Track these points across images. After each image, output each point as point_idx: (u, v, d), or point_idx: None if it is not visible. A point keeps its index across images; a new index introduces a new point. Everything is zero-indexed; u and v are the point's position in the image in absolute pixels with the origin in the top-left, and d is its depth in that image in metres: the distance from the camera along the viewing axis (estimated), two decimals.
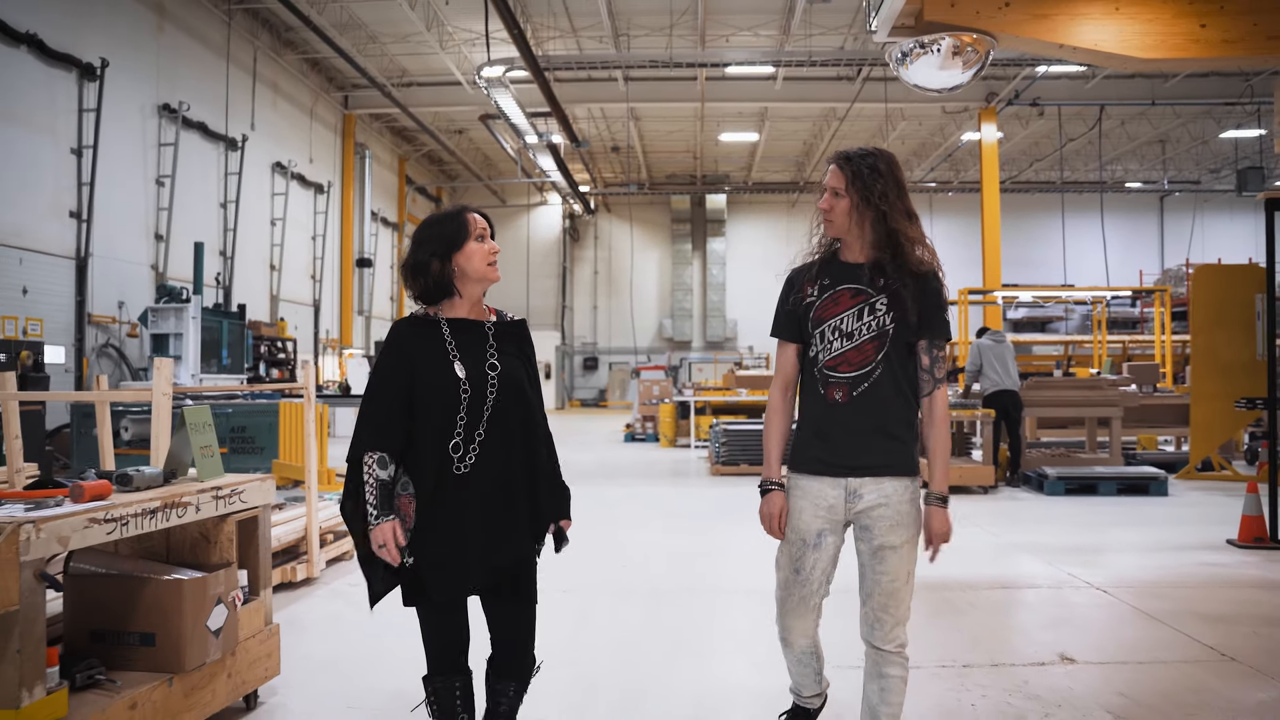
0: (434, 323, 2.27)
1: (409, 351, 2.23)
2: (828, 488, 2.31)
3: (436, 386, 2.20)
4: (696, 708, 3.17)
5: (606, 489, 9.33)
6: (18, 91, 11.52)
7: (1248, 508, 6.04)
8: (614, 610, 4.53)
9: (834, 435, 2.30)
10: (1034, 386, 9.64)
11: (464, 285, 2.27)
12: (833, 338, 2.30)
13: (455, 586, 2.20)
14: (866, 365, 2.27)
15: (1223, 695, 3.34)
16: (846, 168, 2.31)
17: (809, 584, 2.36)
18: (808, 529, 2.33)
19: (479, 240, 2.26)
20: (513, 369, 2.29)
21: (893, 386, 2.29)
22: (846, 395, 2.28)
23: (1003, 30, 5.15)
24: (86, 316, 12.90)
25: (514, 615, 2.31)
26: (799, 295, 2.38)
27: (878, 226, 2.28)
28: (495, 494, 2.21)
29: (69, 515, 2.23)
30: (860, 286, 2.31)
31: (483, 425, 2.22)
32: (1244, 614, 4.43)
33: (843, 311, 2.30)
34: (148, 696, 2.52)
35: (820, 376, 2.32)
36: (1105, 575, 5.22)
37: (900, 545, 2.28)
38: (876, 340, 2.27)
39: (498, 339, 2.31)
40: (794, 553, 2.36)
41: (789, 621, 2.42)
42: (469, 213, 2.30)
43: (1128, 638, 4.02)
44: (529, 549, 2.30)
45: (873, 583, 2.31)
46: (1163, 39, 5.17)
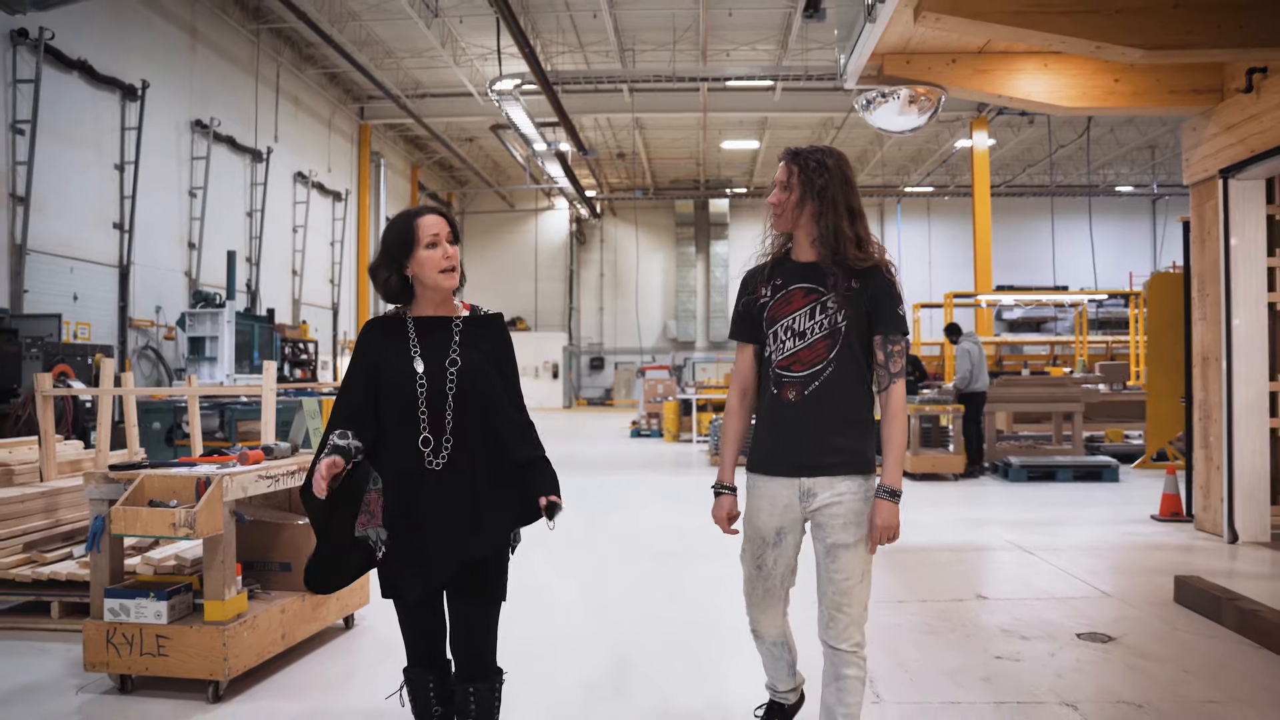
0: (401, 321, 2.28)
1: (374, 350, 2.25)
2: (782, 488, 2.31)
3: (394, 382, 2.20)
4: (691, 629, 4.11)
5: (616, 477, 10.26)
6: (69, 113, 12.48)
7: (1167, 487, 6.95)
8: (625, 567, 5.49)
9: (787, 434, 2.30)
10: (1004, 384, 10.55)
11: (420, 290, 2.26)
12: (785, 337, 2.30)
13: (422, 583, 2.18)
14: (818, 364, 2.27)
15: (1085, 611, 4.33)
16: (794, 162, 2.33)
17: (771, 579, 2.37)
18: (766, 528, 2.34)
19: (429, 247, 2.21)
20: (476, 363, 2.24)
21: (845, 384, 2.27)
22: (799, 394, 2.28)
23: (950, 83, 6.07)
24: (128, 320, 13.84)
25: (472, 615, 2.24)
26: (753, 296, 2.38)
27: (821, 222, 2.27)
28: (464, 489, 2.19)
29: (245, 473, 3.19)
30: (811, 285, 2.30)
31: (449, 420, 2.20)
32: (1135, 567, 5.36)
33: (795, 310, 2.30)
34: (290, 605, 3.48)
35: (773, 376, 2.32)
36: (1036, 541, 6.12)
37: (853, 543, 2.26)
38: (829, 338, 2.26)
39: (465, 335, 2.27)
40: (755, 550, 2.37)
41: (756, 614, 2.44)
42: (419, 218, 2.25)
43: (1035, 583, 4.93)
44: (496, 544, 2.24)
45: (826, 581, 2.29)
46: (1084, 91, 6.10)
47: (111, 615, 3.14)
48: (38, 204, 11.80)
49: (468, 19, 17.38)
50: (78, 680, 3.36)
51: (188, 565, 3.83)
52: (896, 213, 31.00)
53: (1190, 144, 6.45)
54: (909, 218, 31.17)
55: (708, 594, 4.83)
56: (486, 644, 2.26)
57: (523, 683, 3.26)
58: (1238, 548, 5.88)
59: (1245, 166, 5.78)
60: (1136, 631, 4.01)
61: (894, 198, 30.45)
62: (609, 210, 31.62)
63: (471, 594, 2.22)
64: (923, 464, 9.46)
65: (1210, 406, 6.30)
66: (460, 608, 2.23)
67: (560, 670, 3.55)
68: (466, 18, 17.31)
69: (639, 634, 4.07)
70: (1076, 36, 5.04)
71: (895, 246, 30.72)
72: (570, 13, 17.24)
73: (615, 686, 3.40)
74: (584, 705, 3.21)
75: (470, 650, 2.24)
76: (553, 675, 3.48)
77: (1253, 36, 4.88)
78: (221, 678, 3.11)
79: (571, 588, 4.94)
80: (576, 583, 5.08)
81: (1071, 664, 3.57)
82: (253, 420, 8.36)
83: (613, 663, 3.66)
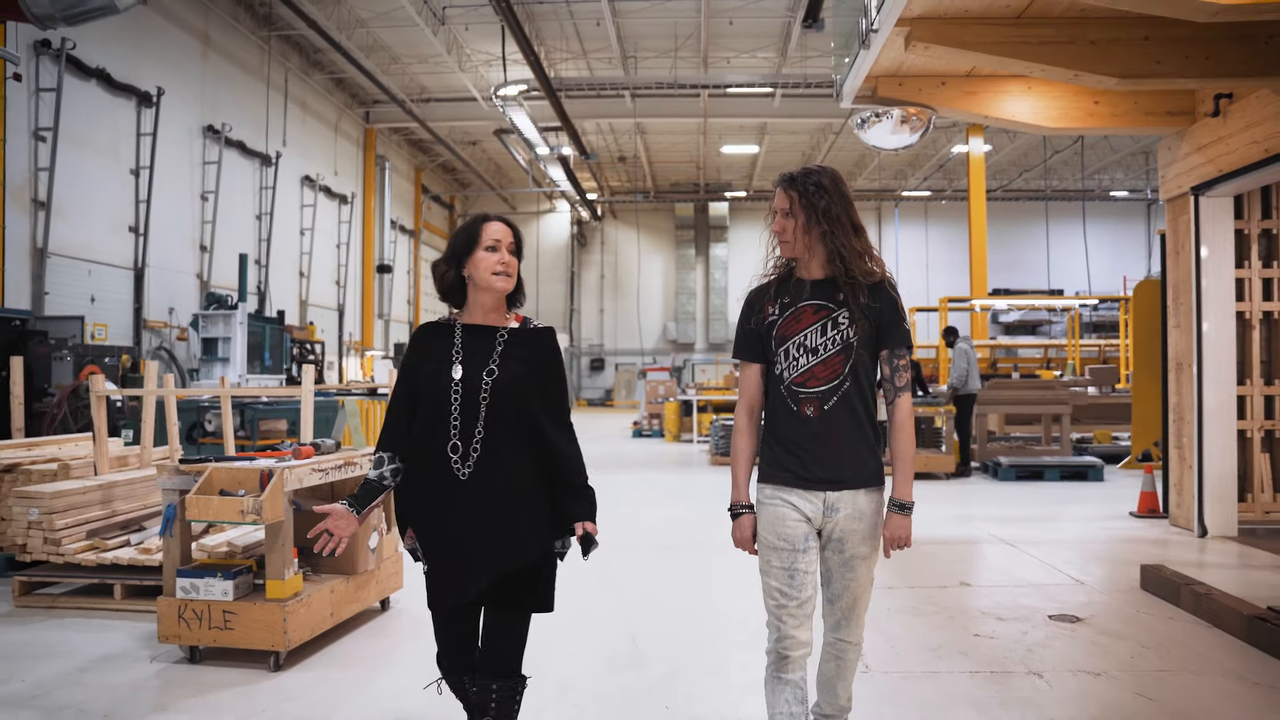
0: (449, 327, 2.34)
1: (420, 354, 2.32)
2: (805, 500, 2.31)
3: (431, 385, 2.25)
4: (695, 612, 4.48)
5: (619, 475, 10.65)
6: (88, 120, 12.85)
7: (1145, 486, 7.34)
8: (631, 558, 5.86)
9: (809, 450, 2.30)
10: (994, 387, 10.94)
11: (474, 292, 2.32)
12: (798, 354, 2.32)
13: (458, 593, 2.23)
14: (834, 379, 2.29)
15: (1058, 596, 4.75)
16: (791, 189, 2.36)
17: (805, 589, 2.33)
18: (794, 534, 2.31)
19: (488, 250, 2.30)
20: (515, 375, 2.26)
21: (859, 398, 2.32)
22: (818, 410, 2.30)
23: (940, 104, 6.46)
24: (143, 322, 14.20)
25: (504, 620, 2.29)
26: (759, 316, 2.40)
27: (827, 242, 2.31)
28: (492, 500, 2.21)
29: (300, 466, 3.57)
30: (821, 302, 2.33)
31: (479, 430, 2.22)
32: (1109, 558, 5.75)
33: (806, 328, 2.32)
34: (337, 587, 3.86)
35: (789, 393, 2.33)
36: (1020, 535, 6.52)
37: (870, 555, 2.34)
38: (842, 354, 2.30)
39: (510, 345, 2.30)
40: (785, 561, 2.32)
41: (790, 632, 2.34)
42: (487, 222, 2.35)
43: (1015, 572, 5.32)
44: (534, 557, 2.26)
45: (841, 587, 2.36)
46: (1065, 112, 6.48)
47: (183, 593, 3.52)
48: (58, 209, 12.16)
49: (474, 26, 17.76)
50: (150, 651, 3.74)
51: (239, 551, 4.21)
52: (894, 217, 31.40)
53: (1165, 162, 6.84)
54: (906, 221, 31.57)
55: (710, 581, 5.21)
56: (514, 647, 2.30)
57: (552, 656, 3.65)
58: (1207, 541, 6.27)
59: (1215, 184, 6.17)
60: (1103, 614, 4.40)
61: (891, 202, 30.87)
62: (610, 213, 32.00)
63: (509, 602, 2.26)
64: (915, 463, 9.82)
65: (1183, 409, 6.68)
66: (495, 612, 2.28)
67: (583, 646, 3.93)
68: (472, 25, 17.69)
69: (649, 615, 4.46)
70: (1055, 65, 5.43)
71: (893, 250, 31.17)
72: (574, 20, 17.62)
73: (631, 658, 3.79)
74: (607, 673, 3.60)
75: (497, 651, 2.28)
76: (576, 651, 3.86)
77: (1214, 67, 5.27)
78: (282, 649, 3.49)
79: (586, 576, 5.29)
80: (590, 571, 5.42)
81: (1041, 641, 3.96)
82: (273, 420, 8.72)
83: (627, 639, 4.04)
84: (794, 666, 2.35)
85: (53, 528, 4.37)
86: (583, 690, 3.40)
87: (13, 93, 11.37)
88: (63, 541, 4.39)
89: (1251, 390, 6.68)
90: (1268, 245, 6.69)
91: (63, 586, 4.66)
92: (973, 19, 5.42)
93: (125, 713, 3.12)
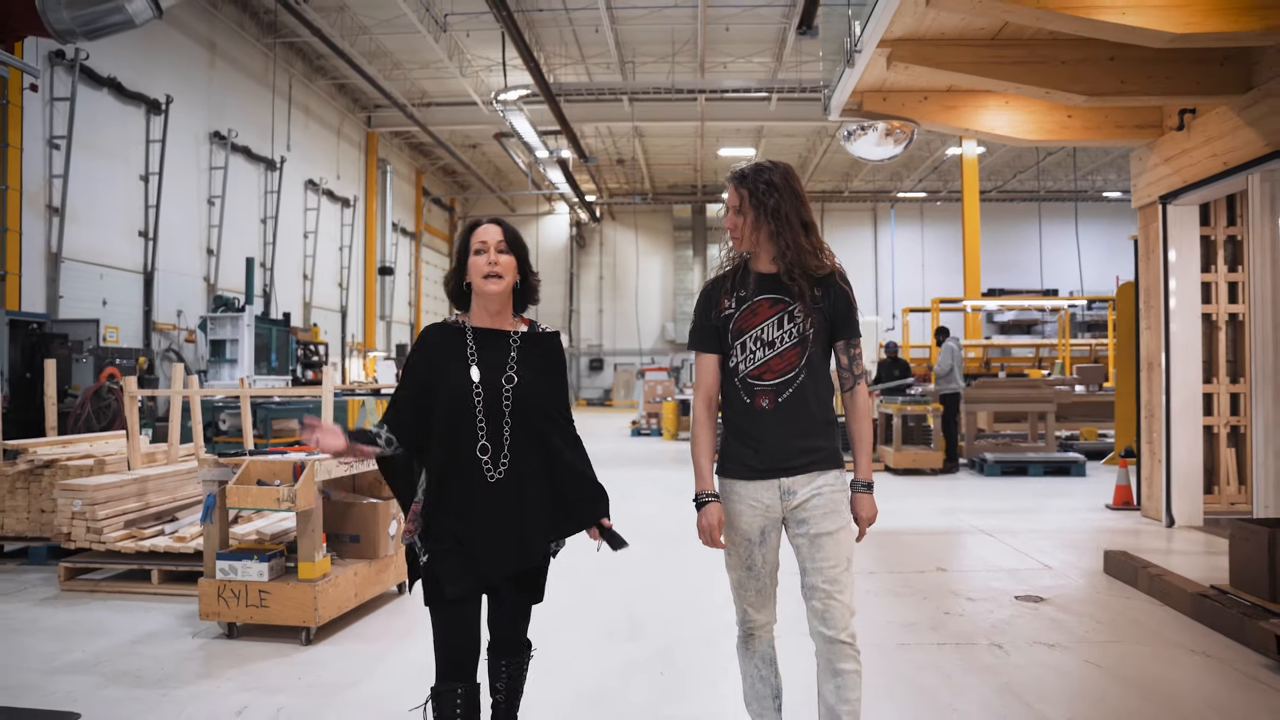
0: (460, 330, 2.35)
1: (431, 353, 2.33)
2: (762, 490, 2.35)
3: (452, 390, 2.26)
4: (690, 596, 4.84)
5: (620, 472, 11.00)
6: (100, 127, 13.19)
7: (1120, 479, 7.70)
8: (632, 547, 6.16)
9: (764, 441, 2.35)
10: (982, 386, 11.30)
11: (475, 296, 2.36)
12: (755, 347, 2.35)
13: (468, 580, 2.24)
14: (789, 371, 2.33)
15: (1027, 580, 5.10)
16: (742, 186, 2.38)
17: (762, 577, 2.41)
18: (750, 528, 2.38)
19: (476, 254, 2.32)
20: (531, 380, 2.32)
21: (814, 389, 2.36)
22: (772, 402, 2.34)
23: (922, 118, 6.81)
24: (152, 324, 14.54)
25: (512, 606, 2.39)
26: (716, 309, 2.42)
27: (779, 240, 2.34)
28: (518, 501, 2.27)
29: (329, 459, 3.91)
30: (777, 296, 2.36)
31: (507, 435, 2.27)
32: (1080, 546, 6.10)
33: (763, 321, 2.35)
34: (360, 570, 4.22)
35: (744, 385, 2.37)
36: (998, 525, 6.88)
37: (835, 531, 2.33)
38: (798, 346, 2.33)
39: (522, 350, 2.34)
40: (742, 554, 2.41)
41: (751, 614, 2.45)
42: (476, 227, 2.37)
43: (989, 559, 5.68)
44: (543, 554, 2.36)
45: (815, 572, 2.33)
46: (1040, 125, 6.84)
47: (222, 574, 3.87)
48: (71, 214, 12.50)
49: (474, 33, 18.09)
50: (190, 629, 4.09)
51: (267, 538, 4.56)
52: (890, 218, 31.76)
53: (1137, 172, 7.19)
54: (902, 223, 31.93)
55: (704, 569, 5.55)
56: (521, 627, 2.43)
57: (558, 631, 3.99)
58: (1174, 531, 6.62)
59: (1181, 194, 6.52)
60: (1066, 594, 4.76)
61: (887, 203, 31.23)
62: (608, 214, 32.33)
63: (518, 596, 2.37)
64: (904, 459, 10.20)
65: (1154, 407, 7.04)
66: (502, 601, 2.37)
67: (586, 622, 4.28)
68: (473, 31, 18.02)
69: (648, 597, 4.81)
70: (1028, 84, 5.78)
71: (889, 251, 31.54)
72: (573, 27, 17.96)
73: (631, 633, 4.15)
74: (608, 644, 3.96)
75: (506, 632, 2.40)
76: (581, 625, 4.22)
77: (1174, 86, 5.62)
78: (312, 625, 3.84)
79: (589, 563, 5.63)
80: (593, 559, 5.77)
81: (1005, 618, 4.31)
82: (285, 419, 9.07)
83: (628, 617, 4.40)
84: (758, 640, 2.48)
85: (95, 518, 4.71)
86: (586, 659, 3.75)
87: (28, 102, 11.71)
88: (104, 530, 4.74)
89: (1218, 388, 7.03)
90: (1233, 251, 7.04)
91: (103, 572, 5.01)
92: (949, 41, 5.77)
93: (178, 678, 3.47)
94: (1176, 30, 4.54)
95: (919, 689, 3.40)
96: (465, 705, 2.27)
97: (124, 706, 3.19)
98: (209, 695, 3.30)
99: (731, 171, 2.46)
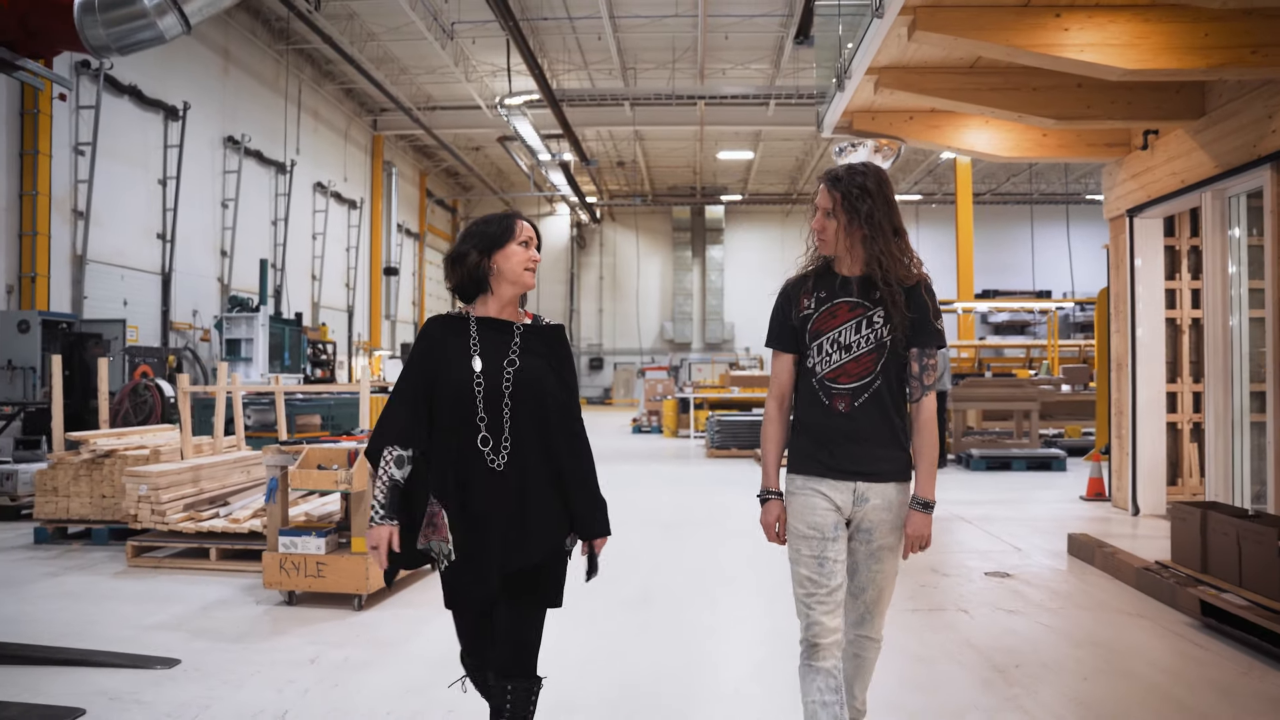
0: (464, 320, 2.31)
1: (434, 347, 2.28)
2: (836, 489, 2.34)
3: (452, 381, 2.23)
4: (699, 572, 5.39)
5: (622, 467, 11.54)
6: (121, 133, 13.70)
7: (1093, 472, 8.26)
8: (639, 533, 6.75)
9: (838, 444, 2.33)
10: (969, 385, 11.85)
11: (498, 284, 2.30)
12: (831, 350, 2.34)
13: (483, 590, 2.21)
14: (866, 376, 2.32)
15: (998, 559, 5.65)
16: (836, 189, 2.35)
17: (834, 576, 2.33)
18: (824, 522, 2.34)
19: (522, 245, 2.31)
20: (534, 368, 2.28)
21: (889, 396, 2.34)
22: (849, 405, 2.33)
23: (908, 136, 7.34)
24: (170, 324, 15.04)
25: (520, 616, 2.26)
26: (795, 308, 2.41)
27: (868, 245, 2.32)
28: (522, 491, 2.23)
29: None
30: (857, 300, 2.34)
31: (507, 421, 2.22)
32: (1050, 531, 6.62)
33: (841, 324, 2.34)
34: None
35: (821, 387, 2.36)
36: (978, 514, 7.42)
37: (895, 545, 2.37)
38: (875, 352, 2.32)
39: (526, 340, 2.31)
40: (814, 549, 2.34)
41: (821, 619, 2.33)
42: (518, 219, 2.35)
43: (966, 542, 6.23)
44: (554, 548, 2.29)
45: (867, 580, 2.38)
46: (1018, 143, 7.38)
47: (284, 548, 4.40)
48: (95, 218, 13.02)
49: (480, 40, 18.59)
50: (253, 598, 4.63)
51: (315, 519, 5.09)
52: None
53: (1108, 186, 7.74)
54: None
55: (708, 550, 6.11)
56: (530, 645, 2.28)
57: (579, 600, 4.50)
58: (1139, 519, 7.17)
59: (1146, 208, 7.07)
60: (1030, 571, 5.31)
61: None
62: (608, 215, 32.84)
63: (524, 596, 2.25)
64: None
65: (1123, 404, 7.59)
66: (510, 608, 2.25)
67: (603, 593, 4.80)
68: (479, 39, 18.52)
69: (656, 574, 5.36)
70: (1002, 108, 6.32)
71: None
72: (576, 35, 18.47)
73: (642, 602, 4.69)
74: (623, 612, 4.50)
75: (512, 649, 2.25)
76: (599, 595, 4.73)
77: (1135, 111, 6.17)
78: (364, 592, 4.38)
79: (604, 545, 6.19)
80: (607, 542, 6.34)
81: (973, 590, 4.86)
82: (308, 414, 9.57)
83: (639, 590, 4.94)
84: (825, 654, 2.34)
85: (159, 501, 5.24)
86: (605, 621, 4.29)
87: (56, 111, 12.22)
88: (166, 512, 5.27)
89: (1182, 388, 7.57)
90: (1196, 260, 7.58)
91: (165, 550, 5.53)
92: (931, 69, 6.31)
93: (254, 635, 4.01)
94: (1129, 66, 5.08)
95: (891, 642, 3.91)
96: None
97: (214, 655, 3.73)
98: (283, 648, 3.84)
99: (826, 173, 2.43)
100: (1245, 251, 6.03)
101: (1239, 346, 6.10)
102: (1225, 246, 6.13)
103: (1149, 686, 3.42)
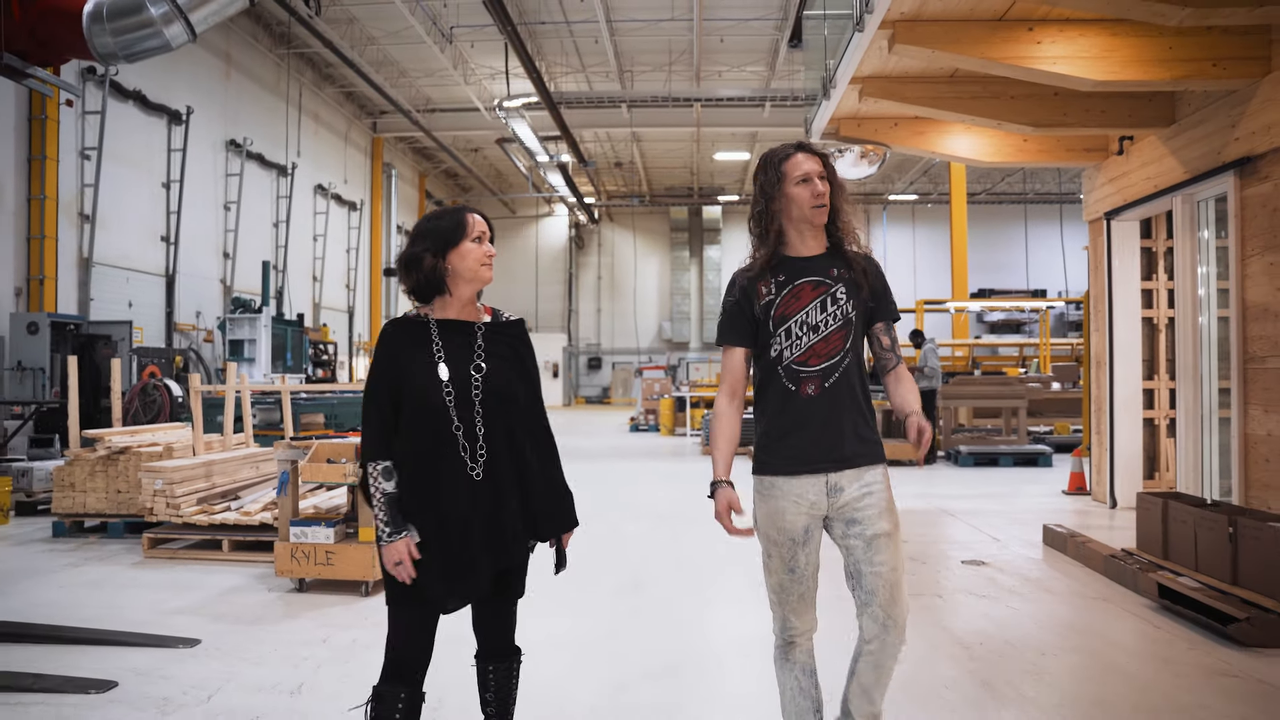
0: (423, 324, 2.27)
1: (396, 352, 2.24)
2: (808, 487, 2.28)
3: (421, 388, 2.20)
4: (689, 561, 5.64)
5: (619, 464, 11.79)
6: (126, 138, 13.93)
7: (1074, 467, 8.51)
8: (634, 523, 7.03)
9: (811, 430, 2.28)
10: (959, 383, 12.10)
11: (455, 284, 2.26)
12: (800, 333, 2.29)
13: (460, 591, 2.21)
14: (835, 355, 2.29)
15: (975, 549, 5.89)
16: (819, 154, 2.35)
17: (805, 580, 2.32)
18: (794, 527, 2.29)
19: (475, 241, 2.26)
20: (500, 370, 2.27)
21: (858, 373, 2.31)
22: (819, 388, 2.28)
23: (893, 142, 7.59)
24: (174, 325, 15.27)
25: (497, 610, 2.34)
26: (754, 299, 2.35)
27: (841, 211, 2.32)
28: (499, 496, 2.22)
29: None
30: (819, 278, 2.31)
31: (481, 430, 2.21)
32: (1029, 523, 6.82)
33: (806, 305, 2.30)
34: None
35: (788, 373, 2.31)
36: (962, 507, 7.68)
37: (892, 531, 2.28)
38: (843, 329, 2.29)
39: (489, 340, 2.29)
40: (785, 555, 2.32)
41: (792, 620, 2.36)
42: (469, 213, 2.30)
43: (948, 534, 6.50)
44: (525, 551, 2.31)
45: (874, 578, 2.27)
46: (999, 149, 7.62)
47: (295, 538, 4.65)
48: (101, 221, 13.26)
49: (479, 44, 18.82)
50: (265, 585, 4.88)
51: (323, 512, 5.33)
52: (882, 219, 32.53)
53: (1087, 189, 7.99)
54: (894, 224, 32.70)
55: (700, 540, 6.36)
56: (507, 631, 2.37)
57: (571, 587, 4.76)
58: (1116, 511, 7.43)
59: (1122, 211, 7.32)
60: (1005, 560, 5.57)
61: (880, 205, 32.01)
62: (606, 216, 33.07)
63: (504, 593, 2.31)
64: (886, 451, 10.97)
65: (1101, 401, 7.84)
66: (491, 604, 2.32)
67: (596, 579, 5.08)
68: (478, 42, 18.75)
69: (649, 562, 5.61)
70: (982, 116, 6.57)
71: (881, 252, 31.33)
72: (574, 38, 18.71)
73: (634, 587, 4.95)
74: (615, 597, 4.75)
75: (493, 637, 2.35)
76: (592, 581, 5.01)
77: (1109, 119, 6.42)
78: (370, 579, 4.62)
79: (595, 535, 6.43)
80: (598, 533, 6.59)
81: (950, 576, 5.12)
82: (312, 413, 9.82)
83: (631, 576, 5.20)
84: (799, 650, 2.38)
85: (174, 495, 5.49)
86: (599, 609, 4.54)
87: (63, 116, 12.46)
88: (181, 506, 5.52)
89: (1159, 385, 7.82)
90: (1173, 261, 7.83)
91: (179, 542, 5.79)
92: (912, 79, 6.56)
93: (268, 618, 4.26)
94: (1098, 78, 5.33)
95: None
96: (406, 710, 2.22)
97: (232, 636, 3.98)
98: (296, 630, 4.09)
99: (795, 142, 2.40)
100: (1214, 253, 6.28)
101: (1208, 344, 6.35)
102: (1195, 248, 6.39)
103: (1103, 662, 3.68)
